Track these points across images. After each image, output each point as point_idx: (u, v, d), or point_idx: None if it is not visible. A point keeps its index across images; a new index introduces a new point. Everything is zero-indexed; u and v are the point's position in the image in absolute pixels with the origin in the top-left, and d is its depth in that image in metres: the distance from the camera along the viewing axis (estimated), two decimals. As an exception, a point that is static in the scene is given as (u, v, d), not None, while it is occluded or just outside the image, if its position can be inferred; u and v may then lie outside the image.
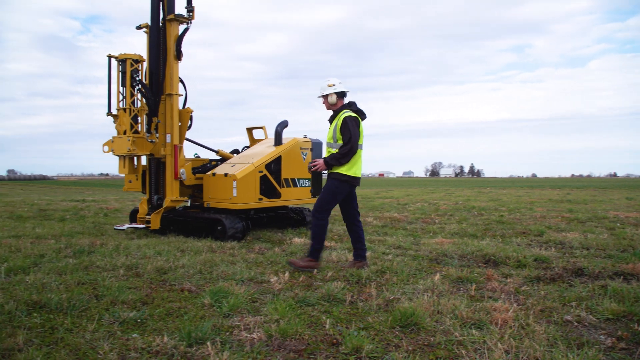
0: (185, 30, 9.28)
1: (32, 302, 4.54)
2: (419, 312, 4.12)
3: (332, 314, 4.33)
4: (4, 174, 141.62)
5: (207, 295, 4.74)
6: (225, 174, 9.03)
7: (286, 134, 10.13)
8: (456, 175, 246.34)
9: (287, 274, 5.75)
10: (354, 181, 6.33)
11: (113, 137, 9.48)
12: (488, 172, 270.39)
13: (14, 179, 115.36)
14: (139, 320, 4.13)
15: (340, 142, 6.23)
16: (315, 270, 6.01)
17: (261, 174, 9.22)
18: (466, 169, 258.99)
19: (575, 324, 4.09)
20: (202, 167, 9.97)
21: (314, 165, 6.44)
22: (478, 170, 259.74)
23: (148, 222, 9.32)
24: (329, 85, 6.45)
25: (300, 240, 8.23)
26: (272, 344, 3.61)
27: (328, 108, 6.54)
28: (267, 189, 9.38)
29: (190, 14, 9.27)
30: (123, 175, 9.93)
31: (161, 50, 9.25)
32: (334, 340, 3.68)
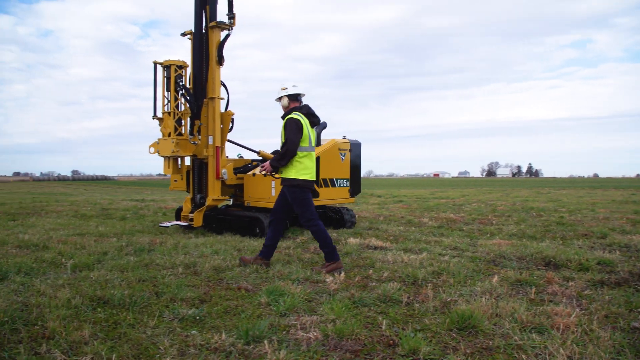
0: (227, 36, 9.67)
1: (96, 298, 4.71)
2: (477, 315, 4.05)
3: (388, 315, 4.31)
4: (69, 174, 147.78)
5: (263, 294, 4.81)
6: (265, 174, 9.10)
7: (325, 135, 10.25)
8: (513, 175, 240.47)
9: (342, 274, 5.76)
10: (309, 184, 6.37)
11: (158, 139, 9.96)
12: (547, 172, 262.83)
13: (77, 179, 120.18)
14: (197, 318, 4.22)
15: None
16: (342, 272, 5.97)
17: None
18: (524, 169, 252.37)
19: (643, 330, 3.93)
20: (244, 168, 10.26)
21: (263, 168, 6.57)
22: (536, 170, 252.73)
23: (191, 219, 9.80)
24: (282, 89, 6.67)
25: (355, 241, 8.21)
26: (329, 343, 3.62)
27: (284, 110, 6.70)
28: None
29: (232, 20, 9.66)
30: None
31: (204, 56, 9.59)
32: (391, 342, 3.66)
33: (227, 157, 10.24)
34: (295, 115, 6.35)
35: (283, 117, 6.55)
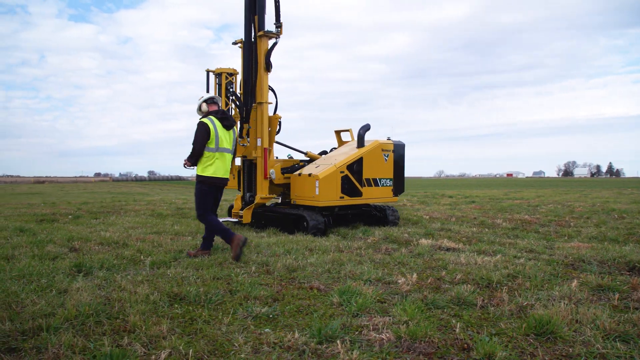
0: (274, 44, 10.31)
1: (173, 294, 4.88)
2: (555, 320, 3.92)
3: (462, 318, 4.24)
4: (145, 175, 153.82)
5: (335, 294, 4.82)
6: (309, 174, 9.95)
7: (380, 136, 10.93)
8: (592, 175, 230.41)
9: (414, 275, 5.69)
10: (210, 180, 7.13)
11: None
12: (629, 172, 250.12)
13: (153, 179, 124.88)
14: (270, 316, 4.29)
15: None
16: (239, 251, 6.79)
17: (342, 174, 9.98)
18: (603, 169, 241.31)
19: None
20: (291, 168, 10.98)
21: (185, 162, 7.26)
22: (617, 169, 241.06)
23: (241, 216, 10.66)
24: (199, 99, 7.54)
25: (427, 242, 8.11)
26: (402, 345, 3.59)
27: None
28: (349, 188, 10.12)
29: (278, 29, 10.29)
30: None
31: (252, 63, 10.26)
32: (465, 345, 3.59)
33: (277, 157, 10.98)
34: (204, 119, 7.10)
35: None
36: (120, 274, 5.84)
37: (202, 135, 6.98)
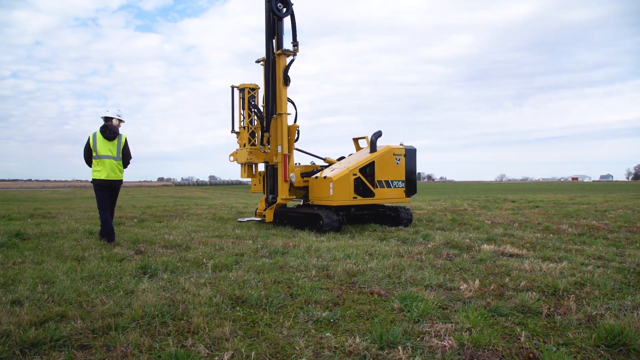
0: (291, 61, 11.54)
1: (235, 297, 4.95)
2: (627, 332, 3.74)
3: (527, 326, 4.12)
4: (206, 179, 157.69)
5: (396, 300, 4.78)
6: (325, 177, 10.97)
7: (382, 142, 11.88)
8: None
9: (477, 281, 5.57)
10: (96, 182, 8.73)
11: (236, 149, 11.93)
12: None
13: (214, 183, 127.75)
14: (331, 320, 4.29)
15: None
16: (114, 244, 8.46)
17: (355, 177, 10.93)
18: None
19: None
20: (310, 172, 12.13)
21: None
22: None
23: (264, 216, 12.04)
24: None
25: (490, 247, 7.94)
26: (464, 353, 3.52)
27: None
28: (362, 189, 11.05)
29: (295, 48, 11.52)
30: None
31: (271, 78, 11.53)
32: (531, 355, 3.49)
33: (299, 163, 12.39)
34: (90, 134, 8.72)
35: None
36: (183, 276, 5.99)
37: (85, 147, 8.73)
